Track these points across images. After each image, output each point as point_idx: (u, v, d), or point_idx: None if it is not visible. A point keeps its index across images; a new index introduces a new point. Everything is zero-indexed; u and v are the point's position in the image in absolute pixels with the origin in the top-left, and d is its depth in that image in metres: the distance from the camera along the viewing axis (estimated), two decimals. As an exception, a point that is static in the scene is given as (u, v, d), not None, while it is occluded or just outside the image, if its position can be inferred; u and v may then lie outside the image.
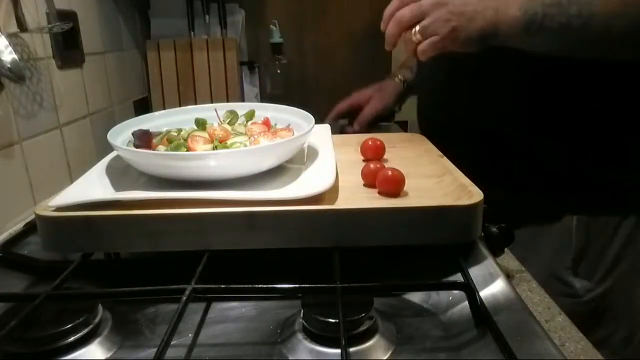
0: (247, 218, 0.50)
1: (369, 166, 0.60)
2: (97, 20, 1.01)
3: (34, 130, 0.77)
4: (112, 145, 0.57)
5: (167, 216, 0.50)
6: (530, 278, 0.57)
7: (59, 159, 0.84)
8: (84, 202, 0.51)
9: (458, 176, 0.60)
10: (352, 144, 0.78)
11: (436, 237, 0.51)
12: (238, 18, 1.32)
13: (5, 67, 0.65)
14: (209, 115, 0.69)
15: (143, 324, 0.48)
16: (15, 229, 0.69)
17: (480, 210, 0.53)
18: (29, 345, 0.42)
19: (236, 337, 0.46)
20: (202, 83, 1.27)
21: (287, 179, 0.58)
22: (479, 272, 0.51)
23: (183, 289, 0.45)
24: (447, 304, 0.49)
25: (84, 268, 0.52)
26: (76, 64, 0.91)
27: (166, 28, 1.28)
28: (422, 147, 0.76)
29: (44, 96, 0.80)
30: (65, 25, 0.78)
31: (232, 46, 1.25)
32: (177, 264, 0.51)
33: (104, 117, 1.02)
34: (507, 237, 0.57)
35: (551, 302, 0.52)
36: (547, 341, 0.41)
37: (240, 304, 0.50)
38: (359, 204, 0.53)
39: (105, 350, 0.44)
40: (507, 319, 0.44)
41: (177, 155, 0.56)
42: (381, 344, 0.43)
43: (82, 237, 0.51)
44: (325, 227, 0.50)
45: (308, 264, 0.50)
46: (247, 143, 0.60)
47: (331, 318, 0.42)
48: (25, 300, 0.46)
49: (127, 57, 1.18)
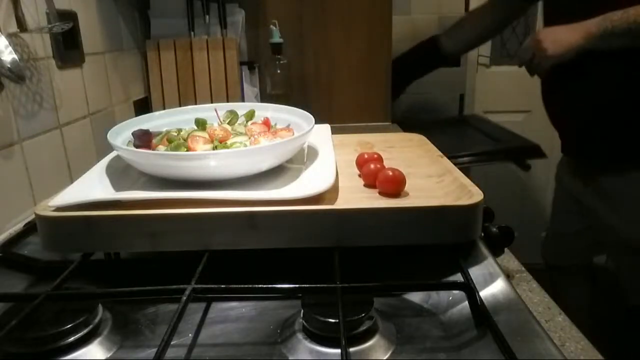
0: (247, 218, 0.50)
1: (369, 166, 0.60)
2: (97, 20, 1.01)
3: (34, 130, 0.77)
4: (112, 145, 0.57)
5: (167, 216, 0.50)
6: (530, 278, 0.57)
7: (59, 159, 0.84)
8: (84, 202, 0.51)
9: (458, 176, 0.60)
10: (352, 144, 0.78)
11: (436, 237, 0.51)
12: (238, 18, 1.32)
13: (5, 67, 0.65)
14: (209, 115, 0.69)
15: (143, 324, 0.48)
16: (15, 229, 0.69)
17: (480, 210, 0.53)
18: (29, 345, 0.42)
19: (236, 337, 0.46)
20: (202, 83, 1.26)
21: (287, 179, 0.58)
22: (479, 272, 0.51)
23: (183, 289, 0.45)
24: (447, 304, 0.49)
25: (84, 268, 0.52)
26: (76, 64, 0.91)
27: (166, 28, 1.28)
28: (422, 147, 0.76)
29: (44, 96, 0.80)
30: (65, 25, 0.78)
31: (232, 46, 1.25)
32: (177, 264, 0.51)
33: (104, 117, 1.02)
34: (507, 237, 0.57)
35: (551, 302, 0.52)
36: (547, 341, 0.41)
37: (240, 304, 0.50)
38: (359, 204, 0.53)
39: (105, 350, 0.44)
40: (507, 319, 0.44)
41: (177, 155, 0.56)
42: (381, 344, 0.43)
43: (82, 237, 0.51)
44: (325, 227, 0.50)
45: (308, 264, 0.50)
46: (247, 143, 0.60)
47: (331, 318, 0.42)
48: (25, 300, 0.46)
49: (127, 57, 1.18)
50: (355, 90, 1.42)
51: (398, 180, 0.56)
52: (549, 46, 1.02)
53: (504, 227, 0.57)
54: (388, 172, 0.57)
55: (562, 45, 1.01)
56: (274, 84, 1.35)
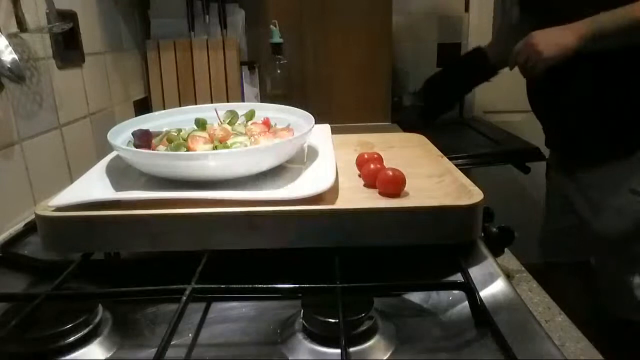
0: (247, 218, 0.50)
1: (369, 166, 0.60)
2: (97, 20, 1.01)
3: (34, 130, 0.77)
4: (112, 145, 0.57)
5: (167, 216, 0.50)
6: (530, 278, 0.57)
7: (59, 159, 0.84)
8: (84, 202, 0.51)
9: (458, 176, 0.60)
10: (352, 144, 0.78)
11: (436, 237, 0.51)
12: (238, 18, 1.32)
13: (5, 67, 0.65)
14: (209, 115, 0.69)
15: (143, 324, 0.48)
16: (15, 229, 0.69)
17: (480, 210, 0.53)
18: (29, 345, 0.42)
19: (236, 337, 0.46)
20: (202, 83, 1.26)
21: (287, 179, 0.58)
22: (479, 272, 0.51)
23: (183, 289, 0.45)
24: (447, 304, 0.49)
25: (84, 268, 0.52)
26: (76, 64, 0.91)
27: (166, 28, 1.28)
28: (422, 147, 0.76)
29: (44, 96, 0.80)
30: (65, 25, 0.78)
31: (232, 46, 1.25)
32: (177, 264, 0.51)
33: (104, 117, 1.02)
34: (507, 237, 0.57)
35: (551, 302, 0.52)
36: (547, 341, 0.41)
37: (240, 304, 0.50)
38: (359, 204, 0.53)
39: (105, 350, 0.44)
40: (507, 319, 0.44)
41: (177, 155, 0.56)
42: (381, 344, 0.43)
43: (82, 237, 0.51)
44: (325, 227, 0.50)
45: (308, 264, 0.50)
46: (247, 143, 0.60)
47: (331, 318, 0.42)
48: (25, 300, 0.46)
49: (127, 57, 1.18)
50: (355, 90, 1.42)
51: (398, 180, 0.56)
52: (544, 48, 1.04)
53: (504, 227, 0.57)
54: (388, 172, 0.57)
55: (557, 47, 1.03)
56: (274, 84, 1.35)
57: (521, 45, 1.10)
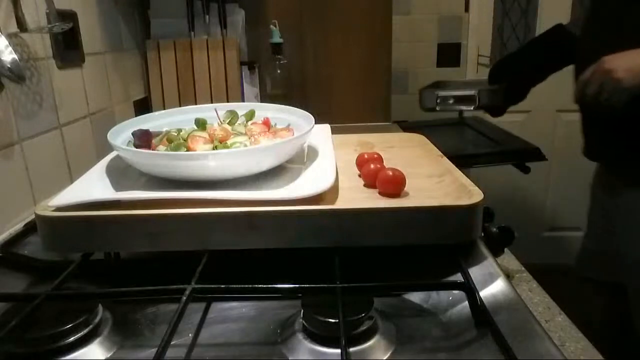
0: (247, 218, 0.50)
1: (369, 166, 0.60)
2: (97, 20, 1.01)
3: (34, 130, 0.77)
4: (112, 145, 0.57)
5: (167, 216, 0.50)
6: (530, 278, 0.57)
7: (59, 159, 0.84)
8: (84, 202, 0.51)
9: (458, 176, 0.60)
10: (352, 144, 0.78)
11: (436, 237, 0.51)
12: (238, 18, 1.32)
13: (5, 67, 0.65)
14: (209, 115, 0.69)
15: (143, 324, 0.48)
16: (15, 229, 0.69)
17: (480, 210, 0.53)
18: (29, 345, 0.42)
19: (236, 337, 0.46)
20: (202, 83, 1.26)
21: (287, 179, 0.58)
22: (479, 272, 0.51)
23: (183, 289, 0.45)
24: (447, 304, 0.49)
25: (84, 268, 0.52)
26: (76, 64, 0.91)
27: (166, 28, 1.28)
28: (422, 147, 0.76)
29: (44, 96, 0.80)
30: (65, 25, 0.78)
31: (232, 46, 1.25)
32: (177, 264, 0.51)
33: (104, 117, 1.02)
34: (507, 237, 0.57)
35: (551, 302, 0.52)
36: (547, 341, 0.41)
37: (240, 304, 0.50)
38: (359, 204, 0.53)
39: (105, 350, 0.44)
40: (507, 319, 0.44)
41: (177, 155, 0.56)
42: (381, 344, 0.43)
43: (82, 237, 0.51)
44: (325, 227, 0.50)
45: (308, 264, 0.50)
46: (247, 143, 0.60)
47: (331, 318, 0.42)
48: (25, 300, 0.46)
49: (127, 57, 1.18)
50: (355, 90, 1.42)
51: (398, 180, 0.56)
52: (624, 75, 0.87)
53: (504, 227, 0.57)
54: (388, 172, 0.57)
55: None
56: (274, 84, 1.35)
57: (590, 75, 0.92)
